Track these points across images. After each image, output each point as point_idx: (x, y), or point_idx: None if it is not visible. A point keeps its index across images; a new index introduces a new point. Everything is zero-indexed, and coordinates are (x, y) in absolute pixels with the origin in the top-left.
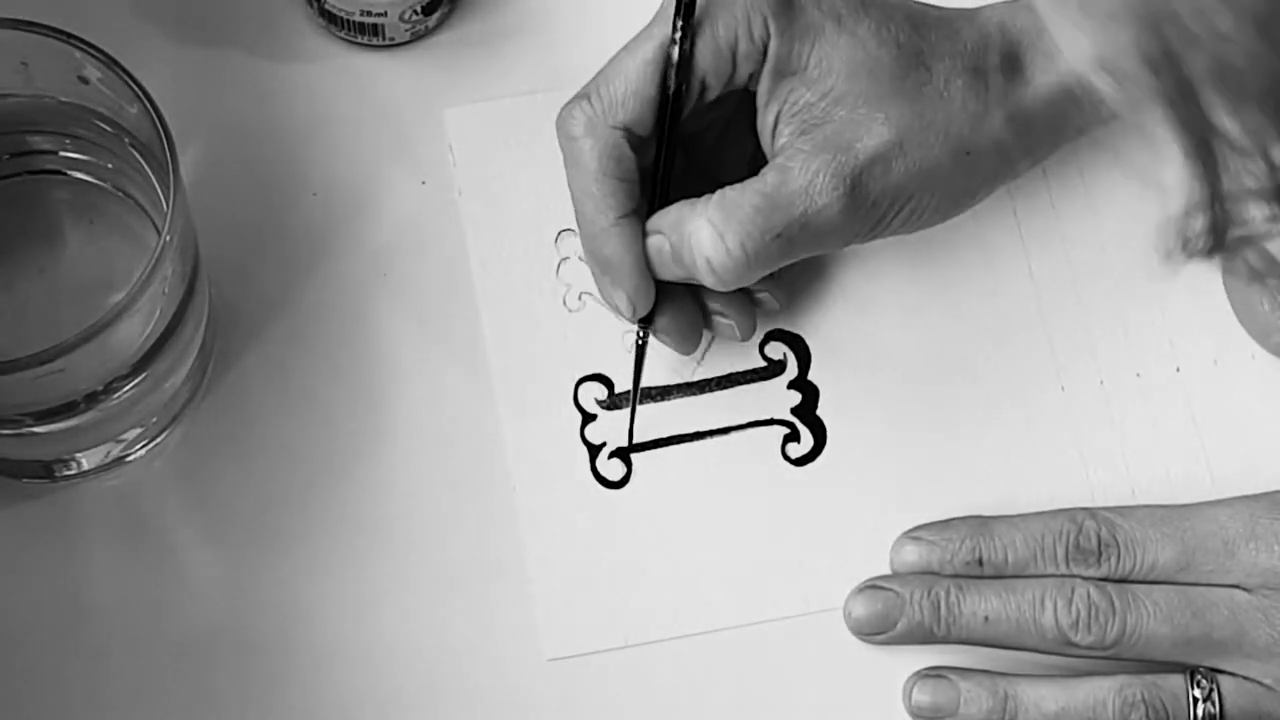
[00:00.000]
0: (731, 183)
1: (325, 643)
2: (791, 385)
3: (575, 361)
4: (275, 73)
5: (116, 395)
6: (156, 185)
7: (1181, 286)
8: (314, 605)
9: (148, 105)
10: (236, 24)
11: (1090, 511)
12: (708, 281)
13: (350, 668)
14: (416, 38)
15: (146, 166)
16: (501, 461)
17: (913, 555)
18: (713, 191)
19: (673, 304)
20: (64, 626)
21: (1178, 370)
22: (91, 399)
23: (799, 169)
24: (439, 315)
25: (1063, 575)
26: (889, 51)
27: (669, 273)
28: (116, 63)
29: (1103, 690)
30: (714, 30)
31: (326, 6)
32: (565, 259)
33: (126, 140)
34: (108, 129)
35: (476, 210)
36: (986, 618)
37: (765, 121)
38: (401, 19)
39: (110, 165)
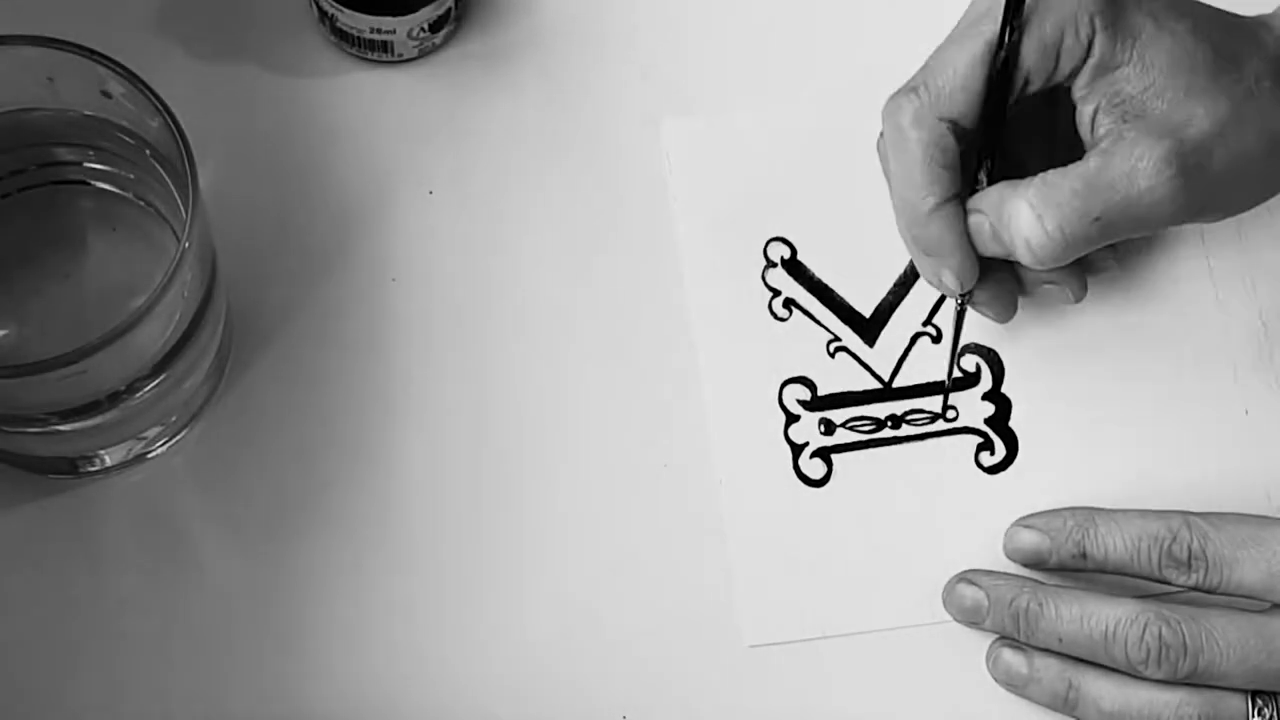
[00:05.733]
0: (1033, 163)
1: (341, 634)
2: (985, 397)
3: (780, 364)
4: (289, 87)
5: (138, 395)
6: (176, 195)
7: None
8: (329, 596)
9: (168, 118)
10: (253, 41)
11: (1186, 519)
12: (1026, 260)
13: (356, 659)
14: (424, 54)
15: (166, 177)
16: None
17: (1026, 541)
18: (1015, 175)
19: (992, 277)
20: (86, 616)
21: None
22: (114, 398)
23: (1121, 154)
24: (445, 317)
25: (1152, 580)
26: (1204, 50)
27: (987, 249)
28: (138, 78)
29: (1159, 704)
30: (1041, 29)
31: (338, 24)
32: (773, 265)
33: (147, 152)
34: (130, 141)
35: (689, 218)
36: (1060, 638)
37: (1084, 113)
38: (410, 36)
39: (132, 175)
